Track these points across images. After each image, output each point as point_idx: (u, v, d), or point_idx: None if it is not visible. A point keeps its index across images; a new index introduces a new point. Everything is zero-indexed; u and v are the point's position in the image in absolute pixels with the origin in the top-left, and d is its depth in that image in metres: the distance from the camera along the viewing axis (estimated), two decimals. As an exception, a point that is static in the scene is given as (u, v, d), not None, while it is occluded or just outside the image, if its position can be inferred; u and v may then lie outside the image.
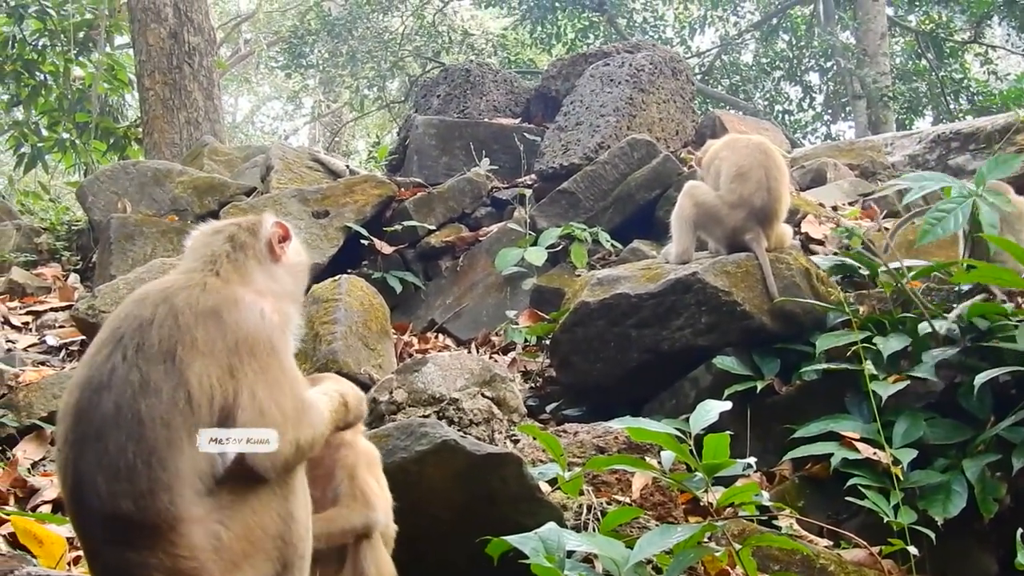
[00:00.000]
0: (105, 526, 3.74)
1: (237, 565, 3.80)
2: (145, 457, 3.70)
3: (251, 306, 4.08)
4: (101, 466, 3.73)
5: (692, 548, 5.29)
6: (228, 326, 3.96)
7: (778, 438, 8.35)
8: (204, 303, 4.01)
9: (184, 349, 3.86)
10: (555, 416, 9.49)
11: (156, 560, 3.69)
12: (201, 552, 3.73)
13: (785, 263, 9.14)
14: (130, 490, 3.69)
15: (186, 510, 3.72)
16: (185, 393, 3.79)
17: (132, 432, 3.73)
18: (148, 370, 3.82)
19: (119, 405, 3.77)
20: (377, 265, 13.23)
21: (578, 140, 14.17)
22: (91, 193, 15.24)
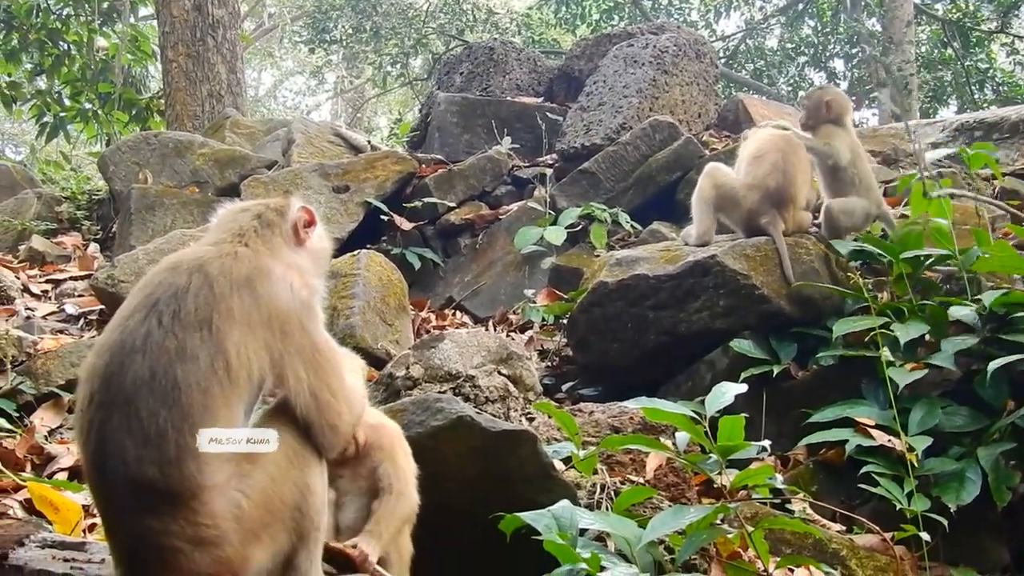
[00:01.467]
0: (127, 492, 3.74)
1: (256, 534, 3.82)
2: (177, 423, 3.71)
3: (281, 279, 4.11)
4: (130, 431, 3.74)
5: (705, 529, 5.30)
6: (261, 297, 3.99)
7: (793, 423, 8.35)
8: (238, 272, 4.03)
9: (220, 318, 3.88)
10: (571, 395, 9.50)
11: (177, 527, 3.71)
12: (222, 520, 3.75)
13: (804, 248, 9.14)
14: (157, 456, 3.70)
15: (210, 478, 3.74)
16: (224, 362, 3.82)
17: (167, 398, 3.74)
18: (185, 337, 3.83)
19: (154, 370, 3.78)
20: (396, 241, 13.24)
21: (600, 120, 14.14)
22: (112, 163, 15.26)
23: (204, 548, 3.73)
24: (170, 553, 3.71)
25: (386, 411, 5.39)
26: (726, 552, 6.11)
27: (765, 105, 16.76)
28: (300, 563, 3.98)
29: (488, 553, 4.90)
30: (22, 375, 8.68)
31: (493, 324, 11.79)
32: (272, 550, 3.89)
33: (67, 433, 8.41)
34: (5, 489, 6.63)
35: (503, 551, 4.89)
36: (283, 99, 56.61)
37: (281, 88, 57.64)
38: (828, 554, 6.72)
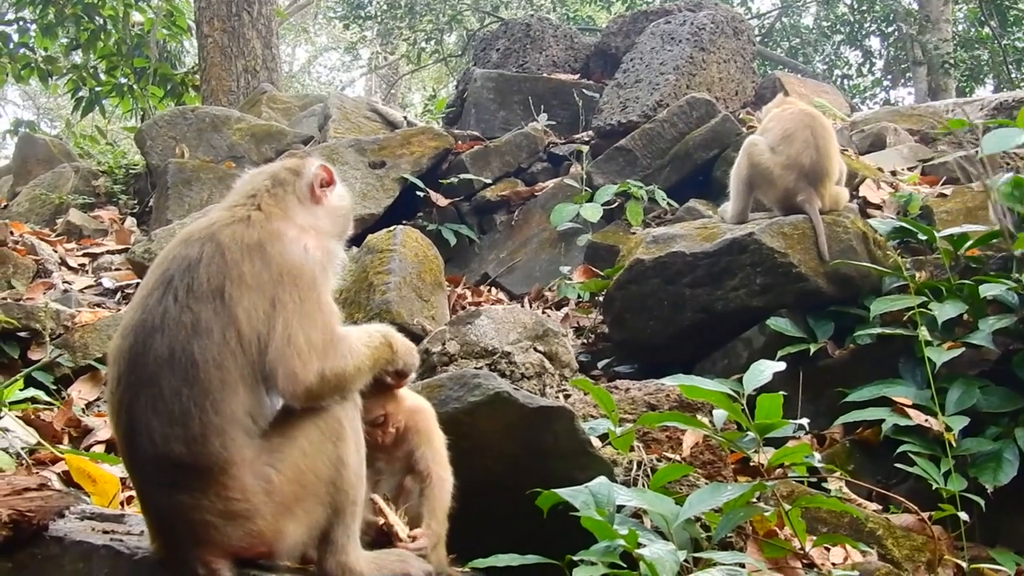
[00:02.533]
0: (157, 469, 3.78)
1: (289, 508, 3.83)
2: (199, 401, 3.74)
3: (295, 240, 4.12)
4: (156, 410, 3.77)
5: (741, 507, 5.30)
6: (273, 258, 3.99)
7: (830, 401, 8.34)
8: (249, 237, 4.04)
9: (233, 285, 3.90)
10: (607, 372, 9.50)
11: (208, 503, 3.73)
12: (252, 494, 3.77)
13: (842, 226, 9.10)
14: (183, 434, 3.73)
15: (237, 453, 3.76)
16: (236, 332, 3.84)
17: (187, 376, 3.77)
18: (199, 311, 3.86)
19: (172, 349, 3.81)
20: (432, 217, 13.26)
21: (637, 98, 14.10)
22: (149, 137, 15.32)
23: (236, 522, 3.77)
24: (202, 527, 3.75)
25: (423, 387, 5.39)
26: (762, 530, 6.10)
27: (802, 83, 16.72)
28: (337, 537, 4.00)
29: (525, 529, 4.90)
30: (60, 348, 8.72)
31: (529, 301, 11.79)
32: (307, 524, 3.92)
33: (104, 406, 8.45)
34: (43, 461, 6.67)
35: (540, 527, 4.89)
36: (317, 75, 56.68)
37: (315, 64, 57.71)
38: (864, 533, 6.72)
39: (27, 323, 8.80)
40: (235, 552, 3.80)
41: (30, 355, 8.73)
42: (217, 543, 3.76)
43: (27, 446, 6.71)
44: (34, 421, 7.37)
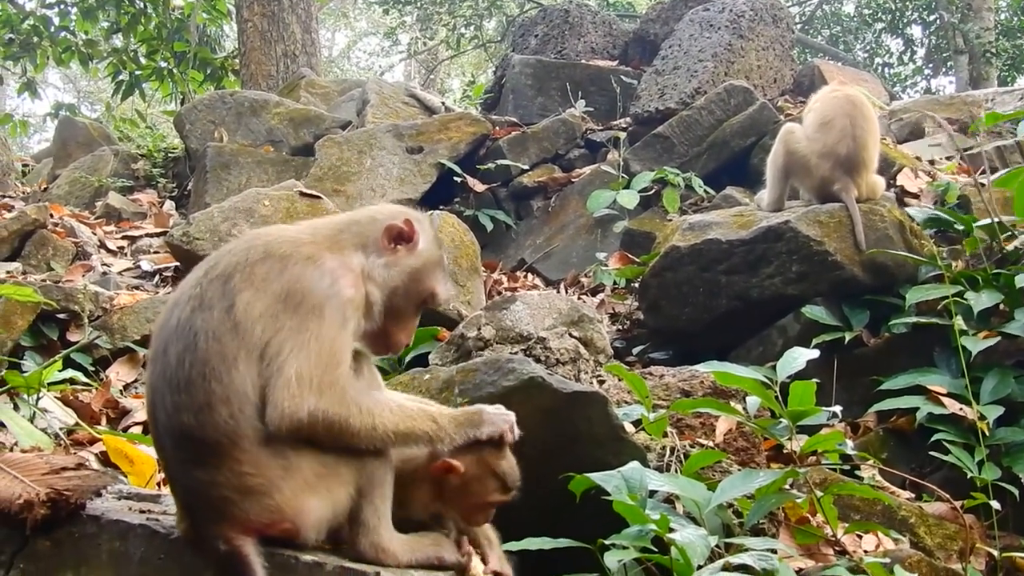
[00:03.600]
0: (174, 444, 3.84)
1: (310, 486, 3.84)
2: (200, 368, 3.78)
3: (328, 271, 4.04)
4: (166, 379, 3.84)
5: (774, 493, 5.31)
6: (287, 273, 3.96)
7: (864, 390, 8.34)
8: (282, 249, 4.04)
9: (240, 277, 3.93)
10: (641, 359, 9.51)
11: (223, 478, 3.76)
12: (267, 469, 3.78)
13: (879, 215, 9.09)
14: (189, 402, 3.77)
15: (247, 425, 3.77)
16: (233, 318, 3.85)
17: (188, 344, 3.82)
18: (207, 289, 3.92)
19: (180, 319, 3.89)
20: (469, 202, 13.30)
21: (675, 85, 14.10)
22: (188, 121, 15.40)
23: (253, 497, 3.78)
24: (220, 503, 3.77)
25: (458, 372, 5.42)
26: (795, 517, 6.12)
27: (842, 71, 16.65)
28: (367, 518, 3.99)
29: (558, 514, 4.93)
30: (98, 330, 8.79)
31: (564, 287, 11.82)
32: (331, 501, 3.91)
33: (141, 388, 8.51)
34: (81, 442, 6.72)
35: (573, 512, 4.92)
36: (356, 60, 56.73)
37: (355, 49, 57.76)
38: (897, 521, 6.72)
39: (66, 305, 8.87)
40: (257, 529, 3.81)
41: (69, 336, 8.80)
42: (237, 519, 3.77)
43: (65, 426, 6.77)
44: (72, 402, 7.43)
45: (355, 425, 3.86)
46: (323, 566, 3.83)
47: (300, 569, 3.82)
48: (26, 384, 6.42)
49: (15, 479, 4.15)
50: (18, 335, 8.54)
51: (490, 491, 4.32)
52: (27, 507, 3.96)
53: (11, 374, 6.56)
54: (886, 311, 8.80)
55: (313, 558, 3.85)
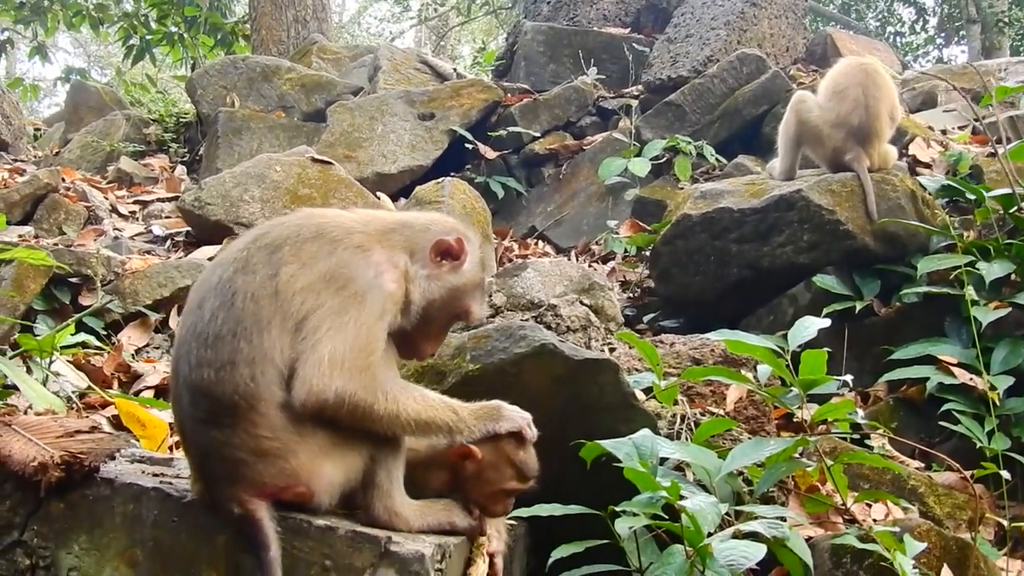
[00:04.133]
0: (190, 398, 3.86)
1: (326, 451, 3.87)
2: (232, 326, 3.82)
3: (375, 263, 4.09)
4: (196, 333, 3.88)
5: (784, 462, 5.32)
6: (336, 257, 4.01)
7: (875, 359, 8.35)
8: (333, 233, 4.09)
9: (289, 250, 3.97)
10: (652, 327, 9.52)
11: (239, 439, 3.78)
12: (284, 434, 3.81)
13: (891, 184, 9.07)
14: (213, 358, 3.80)
15: (267, 390, 3.80)
16: (275, 284, 3.89)
17: (225, 301, 3.87)
18: (254, 253, 3.96)
19: (221, 278, 3.94)
20: (480, 169, 13.30)
21: (687, 52, 14.08)
22: (200, 86, 15.40)
23: (267, 459, 3.81)
24: (235, 464, 3.80)
25: (469, 338, 5.43)
26: (804, 485, 6.13)
27: (854, 40, 16.61)
28: (381, 482, 4.03)
29: (569, 480, 4.94)
30: (110, 294, 8.80)
31: (575, 254, 11.83)
32: (345, 467, 3.95)
33: (153, 352, 8.54)
34: (93, 405, 6.75)
35: (584, 476, 4.93)
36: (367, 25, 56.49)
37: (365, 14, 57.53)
38: (906, 491, 6.73)
39: (78, 269, 8.89)
40: (271, 492, 3.84)
41: (81, 301, 8.82)
42: (250, 481, 3.80)
43: (77, 390, 6.80)
44: (84, 366, 7.47)
45: (379, 411, 3.90)
46: (335, 530, 3.85)
47: (313, 533, 3.84)
48: (39, 347, 6.43)
49: (29, 442, 4.17)
50: (31, 299, 8.56)
51: (506, 479, 4.34)
52: (41, 470, 3.98)
53: (24, 337, 6.58)
54: (897, 281, 8.80)
55: (326, 522, 3.88)
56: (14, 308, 8.41)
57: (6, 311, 8.32)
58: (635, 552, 4.87)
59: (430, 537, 4.00)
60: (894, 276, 8.85)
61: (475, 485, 4.37)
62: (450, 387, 5.14)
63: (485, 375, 5.20)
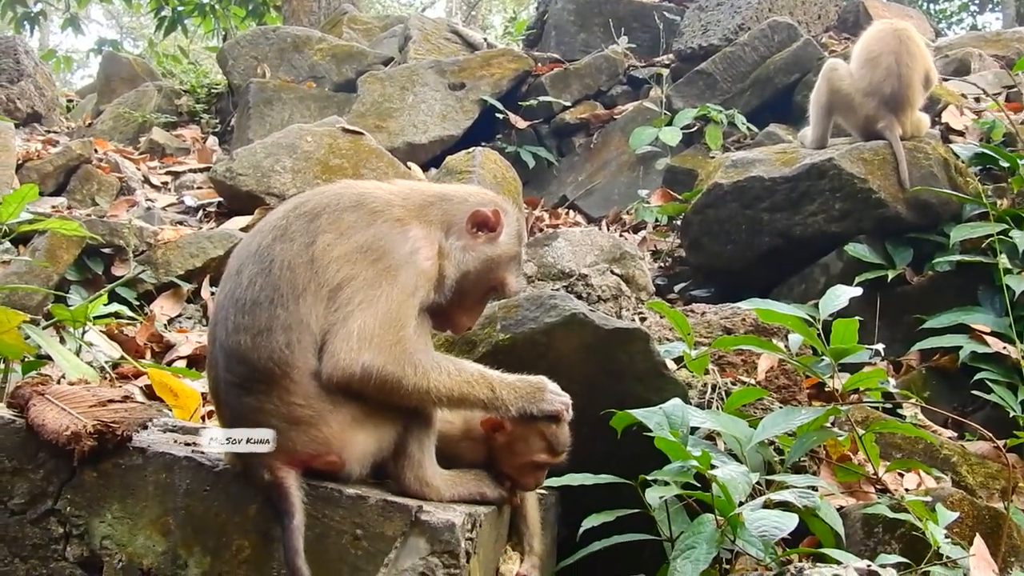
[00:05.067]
0: (225, 363, 3.88)
1: (358, 421, 3.88)
2: (269, 293, 3.84)
3: (412, 238, 4.11)
4: (234, 299, 3.90)
5: (815, 431, 5.30)
6: (374, 230, 4.02)
7: (907, 328, 8.34)
8: (372, 204, 4.11)
9: (327, 219, 3.99)
10: (683, 296, 9.52)
11: (272, 406, 3.80)
12: (317, 402, 3.82)
13: (923, 152, 9.04)
14: (250, 324, 3.82)
15: (301, 357, 3.81)
16: (311, 251, 3.91)
17: (263, 269, 3.89)
18: (292, 221, 3.98)
19: (260, 245, 3.96)
20: (511, 139, 13.31)
21: (718, 21, 14.04)
22: (231, 57, 15.45)
23: (300, 427, 3.83)
24: None
25: (500, 307, 5.43)
26: (836, 455, 6.12)
27: (886, 7, 16.50)
28: (412, 452, 4.04)
29: (599, 449, 4.93)
30: (142, 264, 8.83)
31: (606, 224, 11.81)
32: (377, 437, 3.97)
33: (185, 322, 8.57)
34: (126, 375, 6.77)
35: (615, 446, 4.93)
36: (398, -5, 56.50)
37: (396, -16, 57.50)
38: (939, 460, 6.70)
39: (111, 239, 8.93)
40: (302, 460, 3.85)
41: (113, 271, 8.86)
42: (283, 448, 3.81)
43: (110, 360, 6.82)
44: (117, 336, 7.49)
45: (408, 386, 3.90)
46: (366, 499, 3.85)
47: (344, 502, 3.85)
48: (72, 318, 6.45)
49: (62, 411, 4.18)
50: (64, 269, 8.61)
51: (536, 451, 4.33)
52: (74, 439, 3.99)
53: (57, 307, 6.59)
54: (930, 249, 8.78)
55: (356, 491, 3.88)
56: (47, 279, 8.45)
57: (39, 281, 8.35)
58: (665, 521, 4.88)
59: (460, 506, 4.01)
60: (927, 244, 8.82)
61: (505, 456, 4.38)
62: (480, 357, 5.12)
63: (515, 345, 5.20)
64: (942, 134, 10.50)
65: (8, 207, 6.32)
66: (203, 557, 3.93)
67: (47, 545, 4.06)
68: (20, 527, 4.08)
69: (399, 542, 3.80)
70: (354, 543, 3.82)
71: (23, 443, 4.13)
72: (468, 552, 3.83)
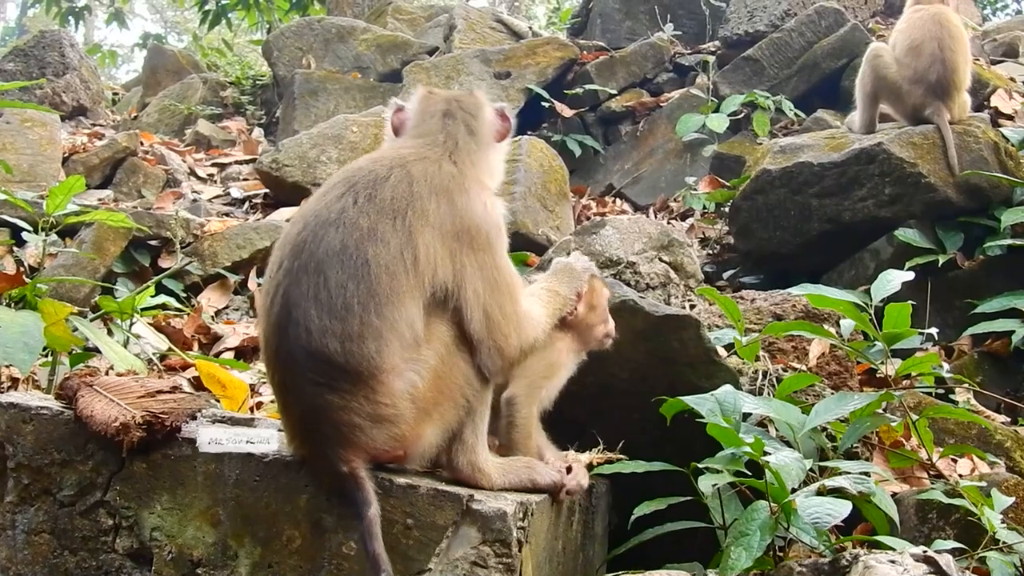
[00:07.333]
0: (309, 365, 3.81)
1: (428, 413, 3.90)
2: (364, 300, 3.79)
3: (477, 198, 4.16)
4: (318, 299, 3.82)
5: (868, 417, 5.26)
6: (458, 209, 4.05)
7: (959, 313, 8.29)
8: (439, 180, 4.10)
9: (415, 215, 3.95)
10: (732, 283, 9.49)
11: (357, 404, 3.79)
12: (400, 400, 3.83)
13: (973, 136, 8.98)
14: (341, 329, 3.77)
15: (389, 360, 3.80)
16: (412, 255, 3.87)
17: (356, 272, 3.82)
18: (377, 220, 3.90)
19: (345, 244, 3.86)
20: (557, 128, 13.28)
21: (764, 6, 13.96)
22: (276, 48, 15.47)
23: (382, 425, 3.83)
24: (349, 428, 3.79)
25: (548, 294, 5.42)
26: (889, 440, 6.07)
27: (933, -9, 16.39)
28: (467, 437, 4.07)
29: (651, 436, 4.92)
30: (189, 256, 8.86)
31: (654, 211, 11.79)
32: (442, 427, 3.98)
33: (233, 314, 8.58)
34: (174, 367, 6.79)
35: (666, 433, 4.91)
36: (441, -15, 56.52)
37: (439, -25, 57.53)
38: (992, 445, 6.64)
39: (158, 231, 8.97)
40: (376, 455, 3.87)
41: (160, 263, 8.90)
42: (362, 445, 3.82)
43: (158, 351, 6.84)
44: (164, 328, 7.52)
45: (540, 336, 4.31)
46: (417, 488, 3.84)
47: (395, 491, 3.84)
48: (119, 309, 6.46)
49: (111, 402, 4.18)
50: (111, 261, 8.65)
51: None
52: (123, 430, 3.99)
53: (105, 299, 6.61)
54: (980, 233, 8.72)
55: (407, 481, 3.88)
56: (94, 271, 8.49)
57: (86, 274, 8.40)
58: (718, 509, 4.84)
59: (512, 495, 4.00)
60: (977, 229, 8.76)
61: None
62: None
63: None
64: (992, 118, 10.42)
65: (55, 199, 6.33)
66: (253, 548, 3.93)
67: (96, 537, 4.07)
68: (69, 519, 4.09)
69: (450, 531, 3.79)
70: (405, 532, 3.81)
71: (72, 435, 4.15)
72: (520, 541, 3.81)
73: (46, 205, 6.36)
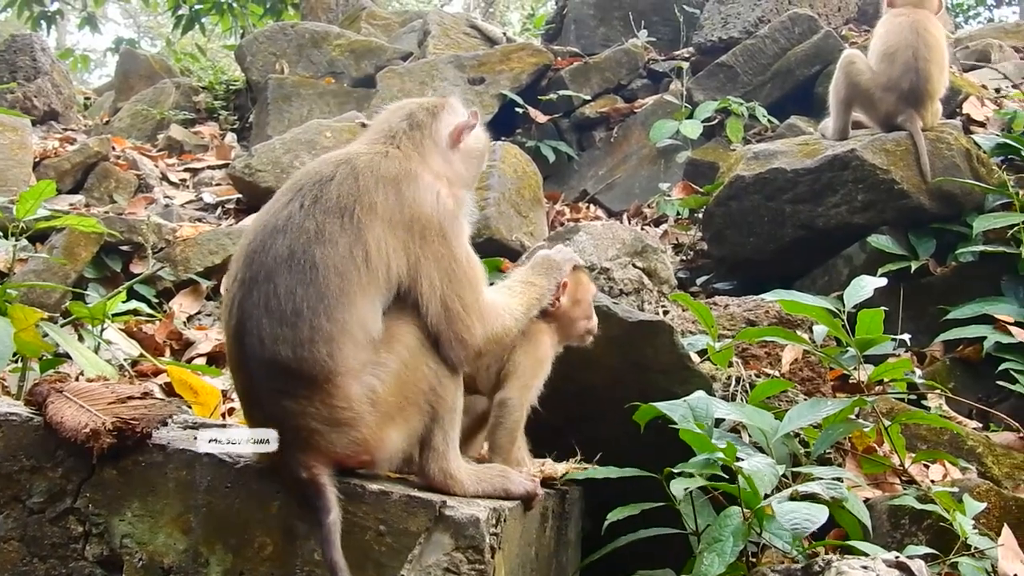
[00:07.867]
0: (266, 374, 3.81)
1: (391, 417, 3.88)
2: (313, 304, 3.77)
3: (428, 187, 4.13)
4: (268, 309, 3.81)
5: (841, 423, 5.28)
6: (405, 199, 4.02)
7: (931, 319, 8.30)
8: (384, 169, 4.08)
9: (363, 210, 3.93)
10: (705, 289, 9.50)
11: (314, 410, 3.77)
12: (357, 403, 3.81)
13: (945, 143, 9.00)
14: (292, 336, 3.76)
15: (343, 363, 3.78)
16: (363, 252, 3.86)
17: (304, 277, 3.80)
18: (324, 221, 3.89)
19: (293, 249, 3.84)
20: (531, 133, 13.29)
21: (738, 13, 14.00)
22: (249, 53, 15.47)
23: (340, 429, 3.81)
24: (307, 434, 3.78)
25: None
26: (861, 446, 6.09)
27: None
28: (437, 444, 4.05)
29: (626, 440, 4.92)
30: (161, 261, 8.84)
31: (628, 217, 11.80)
32: (407, 432, 3.97)
33: (205, 319, 8.56)
34: (145, 373, 6.77)
35: (641, 439, 4.91)
36: (415, -10, 56.55)
37: (413, -20, 57.56)
38: (964, 451, 6.66)
39: (129, 237, 8.95)
40: (338, 459, 3.84)
41: (132, 268, 8.88)
42: (321, 449, 3.80)
43: (129, 357, 6.80)
44: (136, 333, 7.49)
45: (509, 326, 4.32)
46: (390, 495, 3.83)
47: (368, 498, 3.83)
48: (90, 315, 6.44)
49: (81, 408, 4.16)
50: (82, 266, 8.61)
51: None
52: (93, 436, 3.97)
53: (75, 305, 6.58)
54: (953, 240, 8.74)
55: (380, 487, 3.86)
56: (65, 276, 8.46)
57: (57, 279, 8.36)
58: (691, 514, 4.85)
59: (484, 501, 3.99)
60: (950, 235, 8.78)
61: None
62: (506, 351, 5.14)
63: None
64: (964, 125, 10.46)
65: (25, 204, 6.31)
66: (225, 554, 3.92)
67: (66, 544, 4.05)
68: (39, 526, 4.07)
69: (423, 538, 3.78)
70: (378, 539, 3.80)
71: (41, 441, 4.13)
72: (493, 547, 3.81)
73: (16, 210, 6.33)
